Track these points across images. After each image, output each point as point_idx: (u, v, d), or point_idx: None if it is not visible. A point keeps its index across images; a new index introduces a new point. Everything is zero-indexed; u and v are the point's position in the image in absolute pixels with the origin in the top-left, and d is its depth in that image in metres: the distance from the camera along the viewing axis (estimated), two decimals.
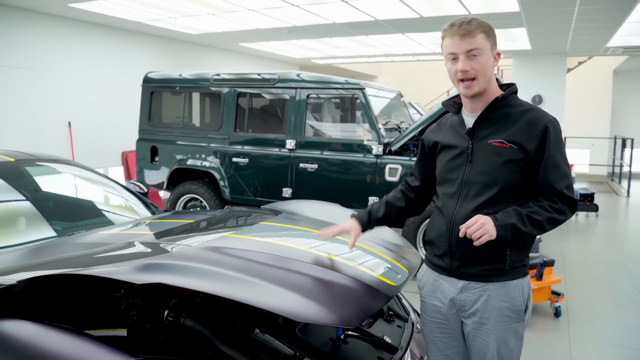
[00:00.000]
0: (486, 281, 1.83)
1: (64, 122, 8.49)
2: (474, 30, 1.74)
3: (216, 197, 6.14)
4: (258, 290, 1.68)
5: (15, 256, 2.27)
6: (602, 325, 4.15)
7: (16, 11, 7.69)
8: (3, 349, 1.67)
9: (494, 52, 1.80)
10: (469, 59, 1.76)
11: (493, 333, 1.84)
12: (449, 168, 1.92)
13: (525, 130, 1.78)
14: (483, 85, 1.80)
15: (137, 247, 2.18)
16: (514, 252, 1.82)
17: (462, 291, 1.88)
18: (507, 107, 1.84)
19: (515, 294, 1.84)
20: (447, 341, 2.00)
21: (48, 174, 3.47)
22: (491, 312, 1.83)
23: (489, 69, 1.79)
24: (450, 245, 1.87)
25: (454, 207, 1.87)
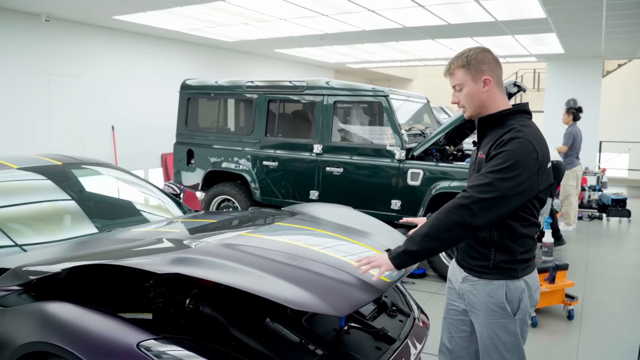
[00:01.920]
0: (478, 277, 2.09)
1: (108, 126, 9.05)
2: (453, 69, 2.07)
3: (247, 198, 6.44)
4: (262, 281, 1.95)
5: (61, 249, 2.62)
6: (614, 329, 4.23)
7: (66, 24, 8.27)
8: (49, 325, 1.99)
9: (478, 80, 2.03)
10: (456, 92, 2.11)
11: (484, 325, 2.09)
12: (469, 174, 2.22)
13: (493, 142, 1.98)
14: (473, 110, 2.09)
15: (164, 243, 2.48)
16: (498, 253, 2.04)
17: (463, 281, 2.16)
18: (500, 126, 2.03)
19: (499, 293, 2.04)
20: (456, 324, 2.27)
21: (91, 176, 3.83)
22: (480, 305, 2.09)
23: (474, 96, 2.06)
24: None
25: None
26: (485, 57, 2.05)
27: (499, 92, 2.07)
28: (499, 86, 2.07)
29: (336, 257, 2.36)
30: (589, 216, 9.09)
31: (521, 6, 6.56)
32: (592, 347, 3.89)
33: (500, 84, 2.08)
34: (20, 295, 2.20)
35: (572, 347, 3.89)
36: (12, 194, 3.21)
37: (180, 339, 1.96)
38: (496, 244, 2.03)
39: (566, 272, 4.52)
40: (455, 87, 2.09)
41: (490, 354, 2.12)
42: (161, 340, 1.90)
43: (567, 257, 6.48)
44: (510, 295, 2.04)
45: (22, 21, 7.71)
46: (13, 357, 2.01)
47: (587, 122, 11.32)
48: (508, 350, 2.09)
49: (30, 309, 2.09)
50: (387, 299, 2.90)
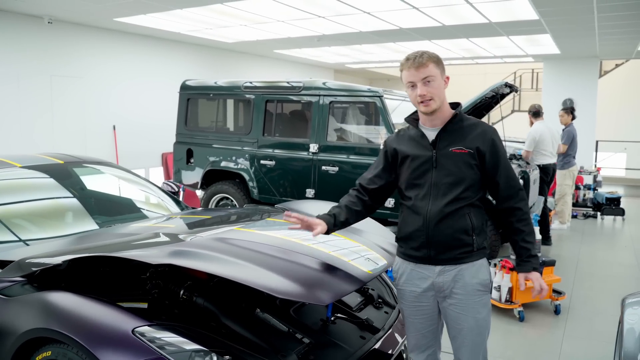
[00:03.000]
0: (459, 263, 2.22)
1: (109, 126, 9.20)
2: (425, 61, 2.15)
3: (245, 196, 6.57)
4: (249, 271, 2.08)
5: (62, 242, 2.76)
6: (599, 324, 4.35)
7: (68, 26, 8.43)
8: (51, 313, 2.13)
9: (443, 77, 2.22)
10: (425, 84, 2.16)
11: (468, 306, 2.23)
12: (416, 174, 2.27)
13: (480, 138, 2.21)
14: (439, 103, 2.20)
15: (159, 237, 2.62)
16: (478, 237, 2.23)
17: (439, 275, 2.24)
18: (460, 122, 2.26)
19: (483, 271, 2.25)
20: (424, 321, 2.36)
21: (92, 175, 3.96)
22: (465, 288, 2.22)
23: (441, 90, 2.20)
24: (428, 238, 2.23)
25: (426, 206, 2.23)
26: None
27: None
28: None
29: (322, 250, 2.49)
30: (583, 215, 9.21)
31: (513, 8, 6.69)
32: (576, 340, 4.02)
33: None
34: (24, 285, 2.34)
35: (556, 340, 4.02)
36: (16, 191, 3.34)
37: (172, 326, 2.09)
38: (475, 228, 2.22)
39: (553, 267, 4.64)
40: (425, 79, 2.15)
41: (473, 336, 2.26)
42: (155, 326, 2.03)
43: (559, 254, 6.61)
44: (488, 270, 2.29)
45: (26, 23, 7.87)
46: (17, 343, 2.15)
47: (583, 121, 11.44)
48: (486, 326, 2.29)
49: (33, 299, 2.23)
50: (374, 292, 3.03)
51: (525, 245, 2.24)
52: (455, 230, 2.20)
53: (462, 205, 2.20)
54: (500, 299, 4.46)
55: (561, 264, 6.20)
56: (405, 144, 2.31)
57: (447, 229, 2.19)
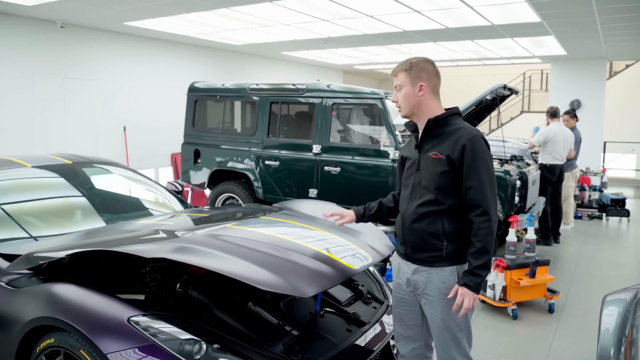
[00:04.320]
0: (430, 266, 2.31)
1: (119, 127, 9.44)
2: (397, 71, 2.35)
3: (250, 196, 6.73)
4: (235, 265, 2.22)
5: (67, 238, 2.93)
6: (591, 322, 4.41)
7: (80, 29, 8.67)
8: (54, 303, 2.30)
9: (416, 84, 2.31)
10: (397, 91, 2.37)
11: (439, 308, 2.31)
12: (406, 175, 2.45)
13: (451, 145, 2.26)
14: (408, 110, 2.36)
15: (157, 234, 2.78)
16: (450, 244, 2.28)
17: (414, 273, 2.36)
18: (444, 126, 2.33)
19: (452, 278, 2.28)
20: (408, 313, 2.48)
21: (99, 174, 4.13)
22: (434, 291, 2.31)
23: (409, 98, 2.33)
24: (403, 236, 2.39)
25: (405, 206, 2.40)
26: (426, 67, 2.33)
27: (433, 99, 2.34)
28: (435, 94, 2.34)
29: (311, 247, 2.62)
30: (588, 215, 9.23)
31: (514, 11, 6.76)
32: (567, 337, 4.11)
33: (436, 92, 2.35)
34: (30, 278, 2.51)
35: (547, 338, 4.11)
36: (27, 190, 3.52)
37: (166, 316, 2.24)
38: (448, 234, 2.27)
39: (547, 267, 4.72)
40: (396, 87, 2.35)
41: (443, 335, 2.34)
42: (149, 316, 2.19)
43: (560, 254, 6.68)
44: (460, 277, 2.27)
45: (39, 28, 8.12)
46: (23, 331, 2.32)
47: (591, 122, 11.47)
48: (460, 329, 2.33)
49: (39, 290, 2.39)
50: (364, 288, 3.16)
51: (470, 259, 2.22)
52: (425, 232, 2.29)
53: (433, 210, 2.27)
54: (494, 297, 4.56)
55: (561, 263, 6.27)
56: (408, 146, 2.52)
57: (419, 231, 2.30)
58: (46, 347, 2.27)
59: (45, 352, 2.29)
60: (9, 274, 2.55)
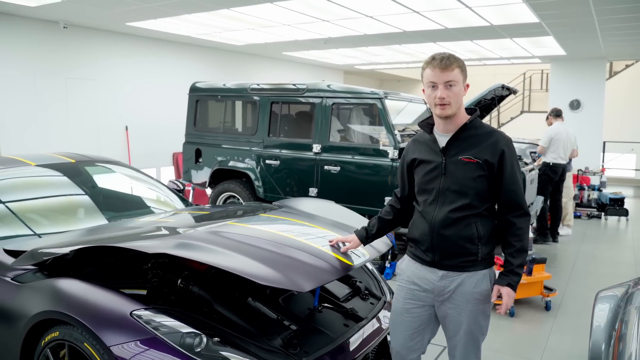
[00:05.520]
0: (462, 271, 2.24)
1: (122, 126, 9.51)
2: (452, 65, 2.15)
3: (251, 195, 6.78)
4: (236, 260, 2.28)
5: (71, 235, 2.99)
6: (587, 320, 4.44)
7: (82, 30, 8.74)
8: (59, 297, 2.36)
9: (464, 84, 2.21)
10: (446, 88, 2.15)
11: (466, 313, 2.24)
12: (426, 180, 2.30)
13: (490, 149, 2.19)
14: (455, 110, 2.19)
15: (159, 231, 2.84)
16: (484, 246, 2.23)
17: (441, 279, 2.26)
18: (473, 129, 2.24)
19: (485, 282, 2.24)
20: (413, 321, 2.37)
21: (102, 173, 4.20)
22: (464, 296, 2.23)
23: (460, 96, 2.19)
24: (432, 243, 2.26)
25: (433, 212, 2.26)
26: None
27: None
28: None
29: (309, 244, 2.68)
30: (587, 215, 9.28)
31: (513, 12, 6.82)
32: (563, 334, 4.17)
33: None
34: (35, 273, 2.57)
35: (543, 335, 4.17)
36: (31, 188, 3.59)
37: (167, 310, 2.31)
38: (482, 237, 2.21)
39: (544, 265, 4.78)
40: (448, 82, 2.14)
41: (466, 341, 2.28)
42: (151, 309, 2.25)
43: (558, 253, 6.74)
44: (491, 281, 2.26)
45: (42, 28, 8.19)
46: (29, 324, 2.38)
47: (590, 122, 11.52)
48: (482, 333, 2.32)
49: (44, 285, 2.46)
50: (362, 284, 3.22)
51: (510, 259, 2.22)
52: (459, 238, 2.21)
53: (467, 214, 2.20)
54: None
55: (558, 262, 6.33)
56: (419, 149, 2.36)
57: (452, 237, 2.21)
58: (51, 340, 2.33)
59: (50, 345, 2.35)
60: (14, 269, 2.62)
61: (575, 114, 11.59)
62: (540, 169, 7.04)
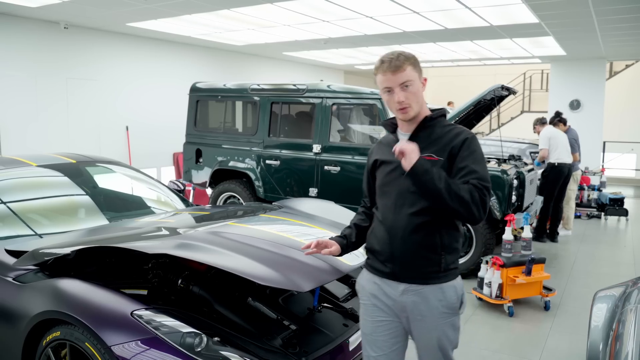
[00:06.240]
0: (424, 283, 2.02)
1: (122, 126, 9.53)
2: (402, 64, 1.98)
3: (251, 195, 6.80)
4: (236, 261, 2.30)
5: (72, 235, 3.01)
6: (586, 320, 4.45)
7: (83, 30, 8.76)
8: (60, 297, 2.38)
9: (421, 79, 2.04)
10: (403, 89, 1.99)
11: (434, 328, 2.04)
12: (386, 181, 2.11)
13: (449, 145, 2.02)
14: (417, 109, 2.04)
15: (160, 231, 2.86)
16: (448, 256, 2.03)
17: (402, 294, 2.05)
18: (435, 127, 2.08)
19: (450, 294, 2.04)
20: (388, 339, 2.14)
21: (103, 173, 4.21)
22: (430, 310, 2.03)
23: (419, 95, 2.04)
24: (392, 252, 2.05)
25: (392, 217, 2.06)
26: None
27: None
28: None
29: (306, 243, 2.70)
30: (587, 215, 9.29)
31: (513, 12, 6.83)
32: (561, 334, 4.18)
33: None
34: (37, 273, 2.59)
35: (542, 335, 4.18)
36: (32, 188, 3.60)
37: (168, 310, 2.32)
38: (446, 247, 2.03)
39: (543, 265, 4.79)
40: (403, 83, 1.98)
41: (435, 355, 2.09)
42: (152, 309, 2.27)
43: (557, 253, 6.75)
44: (457, 293, 2.07)
45: (43, 29, 8.21)
46: (30, 324, 2.40)
47: (591, 122, 11.53)
48: (453, 345, 2.12)
49: (45, 285, 2.47)
50: None
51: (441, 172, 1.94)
52: (420, 246, 2.01)
53: (429, 219, 2.00)
54: (490, 294, 4.63)
55: (558, 262, 6.34)
56: (381, 150, 2.19)
57: (412, 245, 2.01)
58: (52, 340, 2.35)
59: (51, 345, 2.37)
60: (16, 269, 2.63)
61: (576, 114, 11.59)
62: (546, 170, 7.04)
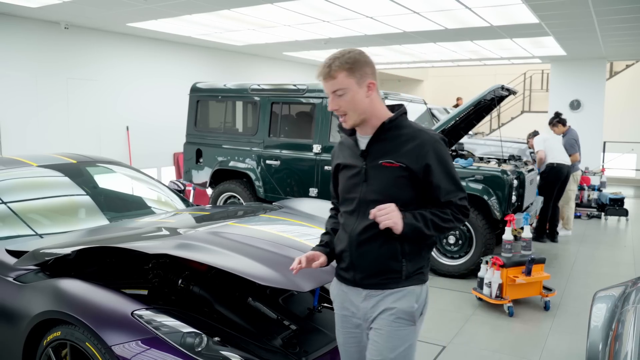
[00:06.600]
0: (385, 288, 1.93)
1: (122, 126, 9.54)
2: (334, 72, 1.86)
3: (252, 195, 6.80)
4: (237, 261, 2.31)
5: (72, 235, 3.02)
6: (586, 320, 4.46)
7: (83, 30, 8.77)
8: (61, 297, 2.38)
9: (363, 84, 1.88)
10: (336, 97, 1.90)
11: (386, 337, 1.92)
12: (347, 187, 2.01)
13: (413, 151, 1.88)
14: (357, 117, 1.92)
15: (160, 231, 2.86)
16: (410, 263, 1.93)
17: (365, 299, 1.97)
18: (397, 129, 1.94)
19: (409, 299, 1.92)
20: (358, 351, 2.05)
21: (103, 174, 4.22)
22: (387, 316, 1.91)
23: (358, 102, 1.89)
24: (352, 260, 1.98)
25: (353, 224, 1.97)
26: (368, 59, 1.93)
27: (379, 97, 1.96)
28: (378, 91, 1.96)
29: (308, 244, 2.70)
30: (587, 215, 9.29)
31: (513, 12, 6.84)
32: (561, 334, 4.19)
33: (378, 89, 1.96)
34: (37, 273, 2.59)
35: (542, 335, 4.18)
36: (32, 188, 3.61)
37: (168, 310, 2.33)
38: (407, 254, 1.92)
39: (543, 265, 4.79)
40: (336, 91, 1.88)
41: None
42: (152, 309, 2.27)
43: (557, 253, 6.76)
44: (419, 300, 1.96)
45: (43, 29, 8.22)
46: (31, 324, 2.40)
47: (591, 122, 11.54)
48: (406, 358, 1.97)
49: (46, 285, 2.48)
50: None
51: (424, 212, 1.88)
52: (380, 254, 1.92)
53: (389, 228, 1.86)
54: (490, 294, 4.63)
55: (558, 262, 6.35)
56: (343, 153, 2.08)
57: (371, 253, 1.93)
58: (53, 339, 2.36)
59: (51, 344, 2.37)
60: (17, 269, 2.64)
61: (576, 114, 11.60)
62: (544, 170, 7.05)
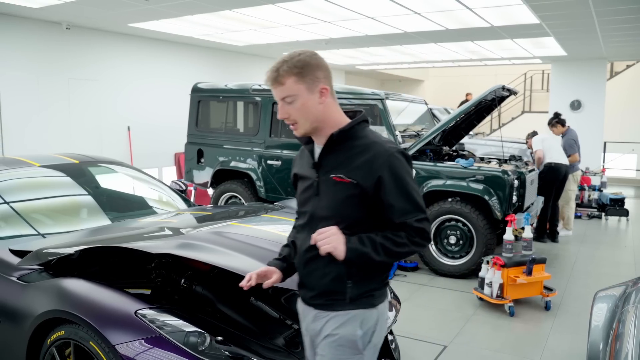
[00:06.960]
0: (330, 310, 1.78)
1: (124, 127, 9.55)
2: (281, 77, 1.70)
3: (253, 195, 6.81)
4: (239, 260, 2.33)
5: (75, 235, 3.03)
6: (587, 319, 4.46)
7: (85, 31, 8.79)
8: (64, 297, 2.40)
9: (314, 90, 1.72)
10: (285, 105, 1.74)
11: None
12: (301, 200, 1.89)
13: (365, 166, 1.71)
14: (308, 126, 1.76)
15: (163, 231, 2.88)
16: (356, 285, 1.76)
17: (314, 320, 1.83)
18: (352, 139, 1.77)
19: (353, 325, 1.75)
20: None
21: (105, 174, 4.23)
22: (329, 343, 1.78)
23: (309, 109, 1.73)
24: (301, 277, 1.88)
25: (302, 240, 1.84)
26: (321, 63, 1.75)
27: (335, 103, 1.79)
28: (334, 96, 1.79)
29: None
30: (588, 215, 9.30)
31: (513, 13, 6.85)
32: (562, 334, 4.20)
33: (334, 93, 1.80)
34: (40, 273, 2.61)
35: (543, 335, 4.19)
36: (35, 189, 3.63)
37: (171, 309, 2.34)
38: (353, 276, 1.75)
39: (544, 265, 4.80)
40: (285, 98, 1.72)
41: None
42: (155, 309, 2.29)
43: (557, 253, 6.77)
44: (364, 326, 1.77)
45: (45, 29, 8.24)
46: (34, 324, 2.42)
47: (591, 122, 11.55)
48: None
49: (49, 284, 2.49)
50: None
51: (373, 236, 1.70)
52: (324, 274, 1.77)
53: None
54: (491, 294, 4.64)
55: (558, 262, 6.36)
56: (301, 162, 1.94)
57: (317, 271, 1.78)
58: (57, 339, 2.37)
59: (55, 344, 2.39)
60: (20, 269, 2.65)
61: (576, 114, 11.61)
62: (543, 170, 7.06)
